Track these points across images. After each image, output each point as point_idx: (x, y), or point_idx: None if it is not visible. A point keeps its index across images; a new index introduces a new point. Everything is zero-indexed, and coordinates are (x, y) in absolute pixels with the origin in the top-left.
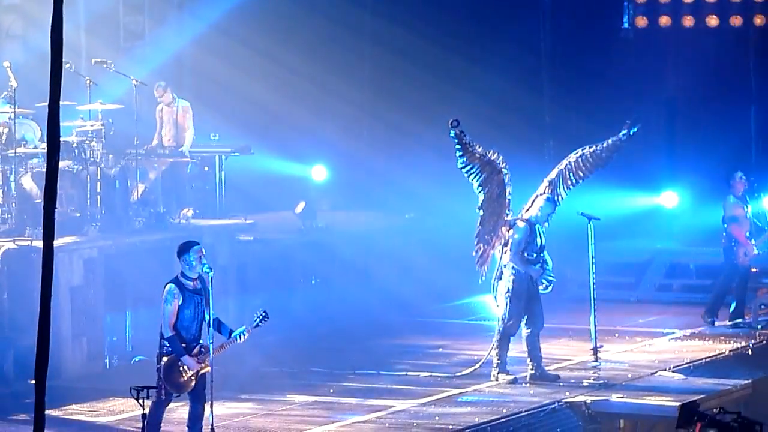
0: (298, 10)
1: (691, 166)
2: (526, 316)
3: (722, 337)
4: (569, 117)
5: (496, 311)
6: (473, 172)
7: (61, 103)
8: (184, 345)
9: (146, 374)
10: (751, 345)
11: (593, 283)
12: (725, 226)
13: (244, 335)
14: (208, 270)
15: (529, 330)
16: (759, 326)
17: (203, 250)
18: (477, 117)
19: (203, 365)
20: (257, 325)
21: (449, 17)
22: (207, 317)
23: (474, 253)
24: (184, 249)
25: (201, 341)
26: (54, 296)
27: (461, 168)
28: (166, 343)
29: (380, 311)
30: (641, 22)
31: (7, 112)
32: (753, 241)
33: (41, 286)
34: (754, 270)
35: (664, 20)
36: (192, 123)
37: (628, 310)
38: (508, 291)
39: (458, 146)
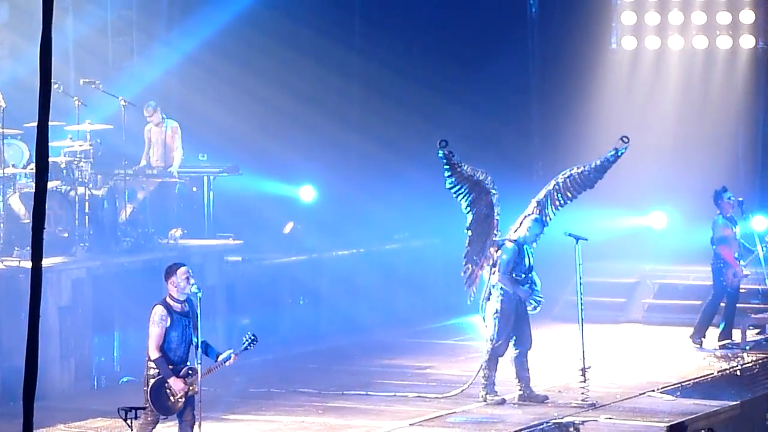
0: (286, 31)
1: (679, 187)
2: (514, 337)
3: (711, 358)
4: (558, 137)
5: (485, 332)
6: (462, 193)
7: (49, 123)
8: (171, 367)
9: (134, 395)
10: (739, 366)
11: (581, 304)
12: (714, 247)
13: (231, 358)
14: (196, 291)
15: (517, 350)
16: (747, 347)
17: (191, 271)
18: (465, 137)
19: (191, 387)
20: (246, 349)
21: (437, 37)
22: (195, 340)
23: (462, 274)
24: (172, 271)
25: (188, 363)
26: (42, 316)
27: (450, 188)
28: (153, 365)
29: (368, 331)
30: (629, 42)
31: None
32: (742, 262)
33: (29, 306)
34: (742, 290)
35: (652, 41)
36: (180, 143)
37: (617, 331)
38: (496, 311)
39: (447, 166)
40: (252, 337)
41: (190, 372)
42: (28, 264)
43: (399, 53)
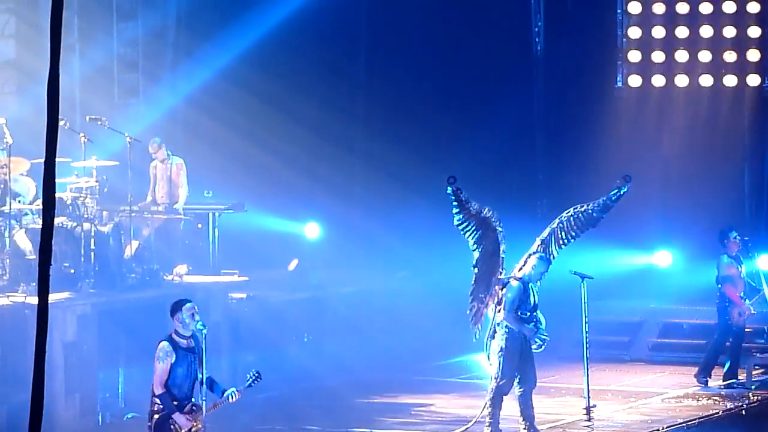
0: (290, 69)
1: (684, 226)
2: (519, 375)
3: (716, 398)
4: (562, 175)
5: (489, 370)
6: (469, 230)
7: (56, 159)
8: (176, 403)
9: (139, 431)
10: (744, 405)
11: (586, 342)
12: (719, 286)
13: (236, 395)
14: (201, 327)
15: (521, 389)
16: (753, 387)
17: (196, 307)
18: (470, 174)
19: (195, 423)
20: (250, 385)
21: (442, 74)
22: (200, 375)
23: (468, 312)
24: (177, 307)
25: (193, 399)
26: (47, 352)
27: (457, 225)
28: (158, 400)
29: (372, 369)
30: (635, 81)
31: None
32: (747, 301)
33: (36, 342)
34: (748, 330)
35: (658, 79)
36: (186, 180)
37: (621, 370)
38: (501, 350)
39: (455, 203)
40: (256, 374)
41: (194, 408)
42: (34, 300)
43: (404, 90)
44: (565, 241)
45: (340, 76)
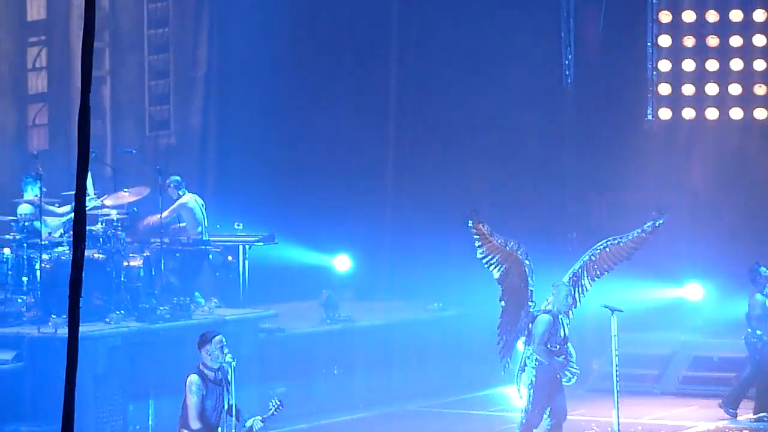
0: (320, 103)
1: (715, 258)
2: (549, 408)
3: (746, 431)
4: (592, 207)
5: (519, 403)
6: (493, 263)
7: (87, 192)
8: None
9: None
10: None
11: (616, 375)
12: (749, 322)
13: (258, 423)
14: (231, 360)
15: (551, 422)
16: None
17: (224, 340)
18: (498, 206)
19: None
20: (273, 414)
21: (474, 104)
22: (226, 405)
23: (497, 344)
24: (206, 340)
25: (219, 430)
26: (77, 384)
27: (481, 258)
28: None
29: (401, 401)
30: (665, 114)
31: (33, 201)
32: None
33: (66, 374)
34: None
35: (688, 112)
36: (203, 215)
37: (652, 403)
38: (531, 382)
39: (476, 236)
40: (278, 403)
41: None
42: (65, 332)
43: (434, 122)
44: (598, 273)
45: (371, 108)
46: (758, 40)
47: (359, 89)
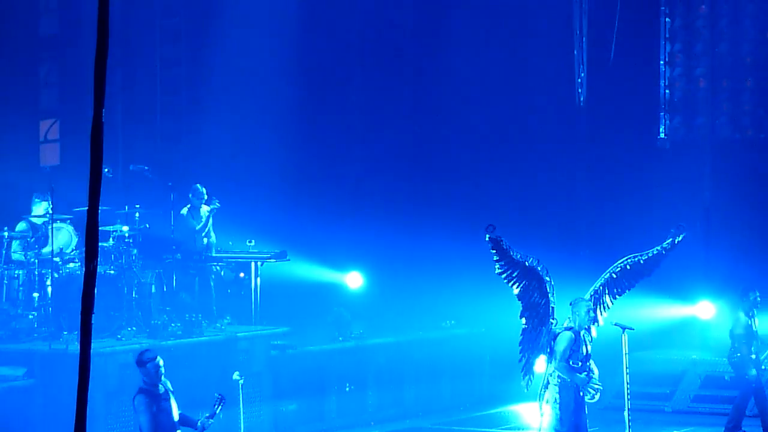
0: (332, 113)
1: (727, 277)
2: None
3: None
4: (603, 224)
5: (537, 421)
6: (512, 279)
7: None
8: None
9: None
10: None
11: (628, 393)
12: (733, 341)
13: (209, 422)
14: (239, 378)
15: None
16: None
17: (161, 362)
18: (512, 222)
19: None
20: (217, 411)
21: (486, 121)
22: (176, 416)
23: (519, 362)
24: (141, 362)
25: None
26: (88, 401)
27: (499, 274)
28: None
29: (414, 418)
30: (677, 131)
31: (42, 216)
32: (754, 356)
33: (77, 390)
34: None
35: (700, 130)
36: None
37: (663, 421)
38: (555, 401)
39: (494, 251)
40: (220, 398)
41: None
42: (76, 349)
43: (446, 139)
44: (620, 291)
45: (383, 125)
46: None
47: (374, 105)
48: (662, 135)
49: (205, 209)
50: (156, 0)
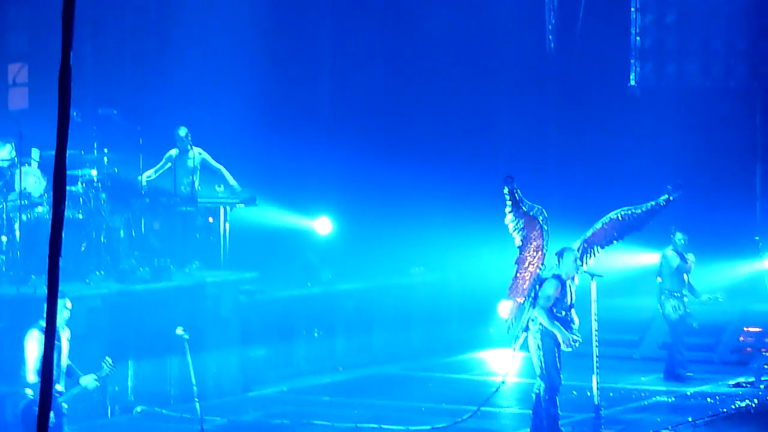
0: (303, 61)
1: (695, 226)
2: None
3: (724, 396)
4: (573, 173)
5: (509, 364)
6: (517, 228)
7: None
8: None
9: (148, 424)
10: (753, 404)
11: (596, 340)
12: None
13: (94, 383)
14: (182, 334)
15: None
16: (762, 386)
17: (69, 305)
18: (482, 170)
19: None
20: (106, 375)
21: (455, 70)
22: (64, 363)
23: (507, 305)
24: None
25: (56, 386)
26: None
27: (507, 224)
28: (30, 390)
29: (383, 364)
30: (647, 79)
31: (6, 159)
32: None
33: (45, 335)
34: (757, 330)
35: (670, 78)
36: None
37: (631, 368)
38: (538, 347)
39: (509, 202)
40: (111, 363)
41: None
42: (44, 292)
43: (415, 86)
44: (608, 241)
45: (354, 69)
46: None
47: (344, 48)
48: (632, 82)
49: (195, 151)
50: None
